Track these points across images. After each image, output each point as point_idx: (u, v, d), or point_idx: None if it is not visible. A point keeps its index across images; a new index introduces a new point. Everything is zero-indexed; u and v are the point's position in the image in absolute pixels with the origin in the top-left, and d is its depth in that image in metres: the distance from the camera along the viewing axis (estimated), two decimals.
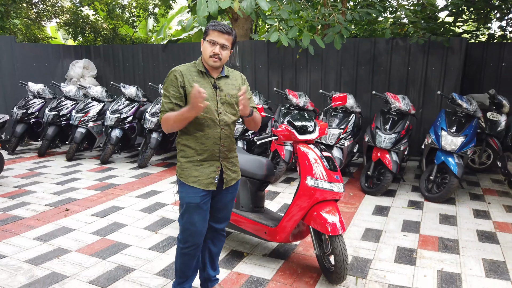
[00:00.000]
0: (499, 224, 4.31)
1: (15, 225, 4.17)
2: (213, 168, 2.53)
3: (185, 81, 2.43)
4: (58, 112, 7.22)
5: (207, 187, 2.52)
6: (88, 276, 3.16)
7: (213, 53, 2.40)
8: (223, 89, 2.51)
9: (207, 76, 2.50)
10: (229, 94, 2.52)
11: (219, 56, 2.41)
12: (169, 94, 2.43)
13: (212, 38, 2.40)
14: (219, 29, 2.40)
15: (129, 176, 6.08)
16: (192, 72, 2.48)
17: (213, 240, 2.79)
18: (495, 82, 6.95)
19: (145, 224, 4.21)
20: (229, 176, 2.61)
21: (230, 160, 2.63)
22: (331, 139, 5.53)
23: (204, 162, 2.51)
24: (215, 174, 2.54)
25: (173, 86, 2.43)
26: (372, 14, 6.58)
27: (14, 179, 5.89)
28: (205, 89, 2.37)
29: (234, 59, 8.10)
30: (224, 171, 2.57)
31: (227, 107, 2.52)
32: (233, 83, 2.58)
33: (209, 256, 2.83)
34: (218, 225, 2.76)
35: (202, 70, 2.49)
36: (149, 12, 12.17)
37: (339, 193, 2.99)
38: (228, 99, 2.52)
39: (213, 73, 2.51)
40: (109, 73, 9.55)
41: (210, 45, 2.41)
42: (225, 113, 2.51)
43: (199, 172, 2.51)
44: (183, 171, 2.54)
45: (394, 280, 3.14)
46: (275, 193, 5.30)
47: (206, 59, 2.45)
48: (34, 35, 11.87)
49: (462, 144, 4.93)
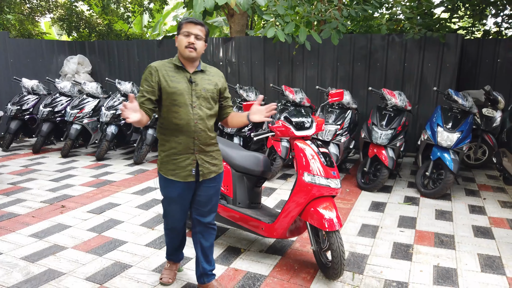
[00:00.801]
0: (494, 219, 4.34)
1: (10, 222, 4.14)
2: (189, 161, 2.61)
3: (160, 76, 2.53)
4: (52, 109, 7.17)
5: (185, 179, 2.62)
6: (84, 273, 3.14)
7: (188, 43, 2.50)
8: (198, 84, 2.59)
9: (183, 71, 2.59)
10: (204, 89, 2.60)
11: (194, 46, 2.51)
12: (143, 89, 2.54)
13: (186, 30, 2.51)
14: (192, 21, 2.52)
15: (125, 173, 6.06)
16: (168, 68, 2.57)
17: (203, 234, 2.81)
18: (490, 78, 6.98)
19: (141, 221, 4.20)
20: (207, 169, 2.67)
21: (209, 153, 2.69)
22: (327, 135, 5.53)
23: (179, 156, 2.60)
24: (192, 167, 2.62)
25: (147, 81, 2.54)
26: (368, 10, 6.57)
27: (9, 176, 5.85)
28: (179, 83, 2.54)
29: (230, 55, 8.08)
30: (200, 164, 2.64)
31: (203, 101, 2.60)
32: (210, 78, 2.66)
33: (202, 250, 2.84)
34: (205, 219, 2.78)
35: (178, 64, 2.58)
36: (144, 7, 12.09)
37: (336, 189, 2.99)
38: (204, 94, 2.60)
39: (189, 68, 2.60)
40: (104, 69, 9.49)
41: (185, 36, 2.51)
42: (199, 107, 2.58)
43: (176, 166, 2.61)
44: (162, 164, 2.66)
45: (390, 275, 3.15)
46: (271, 190, 5.30)
47: (182, 51, 2.54)
48: (28, 30, 11.76)
49: (458, 140, 4.95)
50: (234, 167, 3.50)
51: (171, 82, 2.53)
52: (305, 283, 3.02)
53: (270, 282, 3.04)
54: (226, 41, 8.07)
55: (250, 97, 6.40)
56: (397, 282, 3.06)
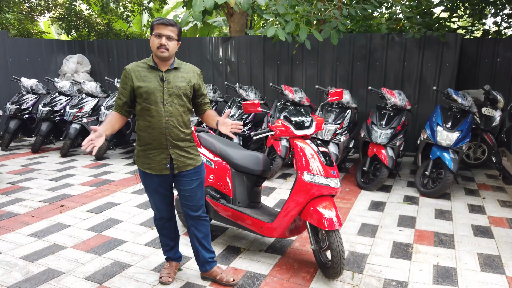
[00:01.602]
0: (494, 218, 4.34)
1: (10, 222, 4.13)
2: (163, 156, 2.71)
3: (133, 77, 2.64)
4: (52, 108, 7.16)
5: (161, 172, 2.73)
6: (84, 272, 3.14)
7: (159, 44, 2.57)
8: (170, 81, 2.67)
9: (155, 70, 2.67)
10: (176, 86, 2.68)
11: (166, 47, 2.58)
12: (119, 91, 2.71)
13: (157, 31, 2.58)
14: (163, 22, 2.58)
15: (124, 172, 6.05)
16: (140, 68, 2.67)
17: (195, 227, 2.93)
18: (490, 77, 6.98)
19: (140, 220, 4.19)
20: (182, 162, 2.75)
21: (183, 148, 2.76)
22: (327, 134, 5.53)
23: (154, 150, 2.71)
24: (166, 161, 2.72)
25: (123, 83, 2.67)
26: (368, 9, 6.57)
27: (8, 175, 5.85)
28: (151, 82, 2.63)
29: (230, 54, 8.08)
30: (174, 158, 2.72)
31: (175, 99, 2.68)
32: (183, 75, 2.73)
33: (197, 241, 2.95)
34: (193, 213, 2.88)
35: (151, 64, 2.67)
36: (143, 7, 12.08)
37: (335, 188, 2.99)
38: (176, 91, 2.67)
39: (162, 66, 2.68)
40: (103, 68, 9.48)
41: (157, 38, 2.59)
42: (171, 104, 2.66)
43: (151, 160, 2.72)
44: (138, 158, 2.79)
45: (390, 274, 3.15)
46: (271, 189, 5.30)
47: (154, 52, 2.62)
48: (27, 30, 11.74)
49: (457, 139, 4.95)
50: (234, 167, 3.49)
51: (143, 82, 2.63)
52: (304, 283, 3.02)
53: (269, 281, 3.04)
54: (225, 41, 8.06)
55: (250, 96, 6.39)
56: (396, 281, 3.06)
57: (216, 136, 3.75)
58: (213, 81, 8.21)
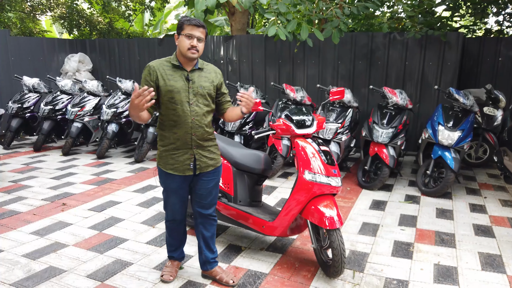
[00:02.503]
0: (495, 218, 4.34)
1: (11, 220, 4.15)
2: (187, 156, 2.71)
3: (158, 75, 2.62)
4: (53, 107, 7.18)
5: (184, 173, 2.73)
6: (85, 270, 3.15)
7: (191, 45, 2.57)
8: (195, 81, 2.68)
9: (180, 69, 2.67)
10: (201, 86, 2.69)
11: (197, 49, 2.60)
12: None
13: (189, 32, 2.57)
14: (194, 23, 2.58)
15: (126, 171, 6.06)
16: (165, 67, 2.66)
17: (204, 225, 2.95)
18: (491, 77, 6.97)
19: (142, 219, 4.20)
20: (204, 163, 2.77)
21: (206, 148, 2.77)
22: (328, 133, 5.53)
23: (178, 151, 2.70)
24: (190, 161, 2.72)
25: (146, 81, 2.63)
26: (370, 8, 6.56)
27: (10, 173, 5.86)
28: (177, 82, 2.63)
29: (231, 53, 8.08)
30: (197, 159, 2.73)
31: (200, 98, 2.69)
32: (207, 75, 2.75)
33: (203, 239, 2.97)
34: (205, 211, 2.90)
35: (176, 63, 2.66)
36: (145, 5, 12.09)
37: (336, 187, 2.99)
38: (201, 91, 2.69)
39: (186, 66, 2.68)
40: (105, 67, 9.49)
41: (188, 38, 2.58)
42: (196, 104, 2.67)
43: (175, 160, 2.71)
44: (161, 159, 2.77)
45: (391, 273, 3.15)
46: (272, 188, 5.31)
47: (184, 52, 2.60)
48: (28, 28, 11.77)
49: (459, 138, 4.94)
50: (235, 165, 3.50)
51: (168, 81, 2.62)
52: (305, 281, 3.03)
53: (270, 280, 3.05)
54: (227, 40, 8.07)
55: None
56: (397, 280, 3.06)
57: (218, 135, 3.76)
58: None
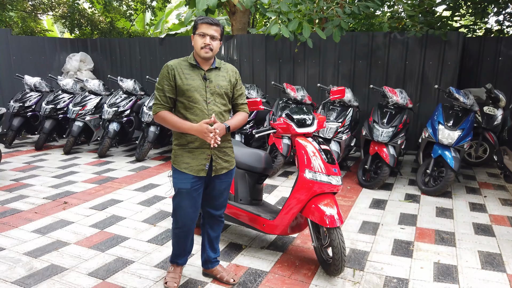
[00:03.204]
0: (495, 217, 4.35)
1: (13, 218, 4.17)
2: (204, 156, 2.67)
3: (175, 74, 2.61)
4: (55, 106, 7.19)
5: (198, 173, 2.68)
6: (87, 268, 3.17)
7: (204, 44, 2.56)
8: (212, 80, 2.66)
9: (197, 69, 2.66)
10: (218, 85, 2.67)
11: (210, 47, 2.58)
12: (162, 88, 2.63)
13: (202, 31, 2.56)
14: (207, 22, 2.57)
15: (127, 170, 6.08)
16: (183, 66, 2.65)
17: (211, 226, 2.96)
18: (492, 76, 6.98)
19: (143, 217, 4.22)
20: (219, 164, 2.74)
21: (222, 149, 2.75)
22: (328, 132, 5.55)
23: (195, 150, 2.67)
24: (206, 162, 2.68)
25: (166, 80, 2.62)
26: (371, 7, 6.57)
27: (11, 172, 5.88)
28: (194, 80, 2.62)
29: (232, 53, 8.09)
30: (214, 160, 2.71)
31: (217, 97, 2.67)
32: (224, 75, 2.72)
33: (208, 239, 2.98)
34: (216, 212, 2.91)
35: (193, 63, 2.65)
36: (146, 5, 12.11)
37: (337, 186, 3.00)
38: (218, 90, 2.67)
39: (204, 65, 2.67)
40: (106, 66, 9.51)
41: (201, 37, 2.57)
42: (214, 103, 2.66)
43: (191, 159, 2.68)
44: (176, 158, 2.73)
45: (391, 272, 3.17)
46: (273, 187, 5.32)
47: (198, 52, 2.60)
48: (30, 28, 11.79)
49: (459, 138, 4.95)
50: (236, 164, 3.50)
51: (186, 80, 2.61)
52: (306, 279, 3.04)
53: (271, 278, 3.06)
54: (227, 39, 8.08)
55: (252, 95, 6.41)
56: (397, 278, 3.07)
57: None
58: None
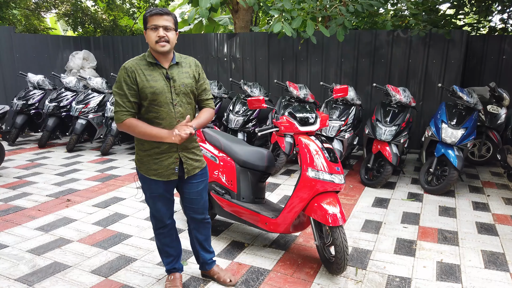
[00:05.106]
0: (498, 216, 4.34)
1: (16, 216, 4.19)
2: (171, 160, 2.51)
3: (136, 77, 2.37)
4: (58, 103, 7.21)
5: (168, 178, 2.54)
6: (90, 266, 3.18)
7: (158, 37, 2.34)
8: (176, 79, 2.45)
9: (158, 67, 2.43)
10: (183, 84, 2.47)
11: (166, 39, 2.35)
12: (124, 93, 2.37)
13: (153, 23, 2.34)
14: (157, 12, 2.34)
15: (130, 167, 6.09)
16: (142, 66, 2.41)
17: (198, 230, 2.85)
18: (495, 75, 6.95)
19: (146, 215, 4.23)
20: (191, 165, 2.60)
21: (191, 150, 2.60)
22: (331, 131, 5.54)
23: (162, 155, 2.49)
24: (175, 165, 2.53)
25: (126, 84, 2.37)
26: (374, 6, 6.54)
27: (14, 170, 5.91)
28: (157, 82, 2.39)
29: (235, 51, 8.08)
30: (184, 162, 2.56)
31: (183, 97, 2.48)
32: (187, 71, 2.52)
33: (198, 243, 2.89)
34: (199, 216, 2.78)
35: (152, 61, 2.42)
36: (149, 3, 12.11)
37: (339, 185, 3.00)
38: (183, 89, 2.47)
39: (163, 62, 2.44)
40: (109, 64, 9.52)
41: (153, 31, 2.35)
42: (180, 104, 2.47)
43: (158, 165, 2.50)
44: (142, 165, 2.55)
45: (393, 271, 3.16)
46: (275, 185, 5.32)
47: (154, 47, 2.37)
48: (33, 25, 11.82)
49: (462, 136, 4.94)
50: (238, 162, 3.51)
51: (148, 82, 2.38)
52: (308, 278, 3.04)
53: (273, 276, 3.06)
54: (230, 37, 8.07)
55: (254, 93, 6.40)
56: (400, 277, 3.07)
57: (221, 132, 3.77)
58: (218, 77, 8.23)
